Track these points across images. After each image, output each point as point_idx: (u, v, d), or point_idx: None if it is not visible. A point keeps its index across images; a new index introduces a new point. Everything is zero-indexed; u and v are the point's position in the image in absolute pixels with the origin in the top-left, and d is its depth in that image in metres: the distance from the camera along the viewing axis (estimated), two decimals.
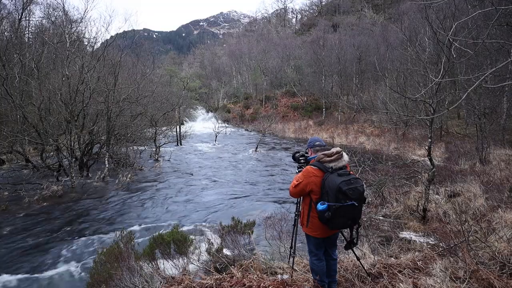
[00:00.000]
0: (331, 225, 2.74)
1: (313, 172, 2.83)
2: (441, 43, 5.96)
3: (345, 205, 2.64)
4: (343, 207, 2.64)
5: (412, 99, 10.73)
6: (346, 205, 2.64)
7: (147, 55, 24.14)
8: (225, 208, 8.51)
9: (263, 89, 38.31)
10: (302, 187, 2.83)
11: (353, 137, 21.50)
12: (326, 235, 2.94)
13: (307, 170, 2.86)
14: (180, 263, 4.35)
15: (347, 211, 2.67)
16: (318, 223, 2.83)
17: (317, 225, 2.86)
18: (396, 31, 23.71)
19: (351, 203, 2.65)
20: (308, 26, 56.65)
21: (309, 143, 3.20)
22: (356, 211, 2.73)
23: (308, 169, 2.87)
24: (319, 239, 2.95)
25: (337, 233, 3.09)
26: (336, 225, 2.74)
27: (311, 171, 2.83)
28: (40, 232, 6.86)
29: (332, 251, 3.08)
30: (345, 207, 2.64)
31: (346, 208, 2.65)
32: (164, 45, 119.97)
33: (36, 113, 11.17)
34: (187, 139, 22.31)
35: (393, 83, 18.48)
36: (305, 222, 2.93)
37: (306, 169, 2.88)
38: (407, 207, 6.97)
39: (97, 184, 10.66)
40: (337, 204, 2.64)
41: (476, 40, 4.96)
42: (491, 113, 13.26)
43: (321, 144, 3.10)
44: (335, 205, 2.65)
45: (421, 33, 19.11)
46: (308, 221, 2.89)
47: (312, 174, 2.81)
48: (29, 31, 19.42)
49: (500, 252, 3.52)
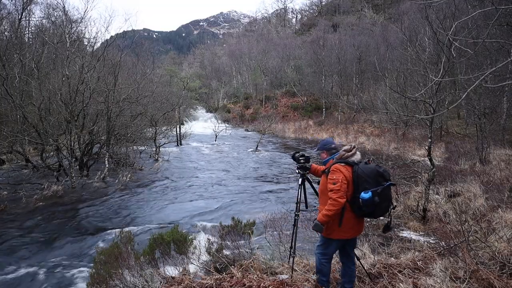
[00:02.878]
0: (379, 211, 2.79)
1: (343, 168, 2.83)
2: (441, 43, 5.96)
3: (386, 187, 2.74)
4: (385, 189, 2.74)
5: (412, 99, 10.73)
6: (387, 186, 2.74)
7: (147, 55, 24.15)
8: (225, 208, 8.51)
9: (263, 89, 38.31)
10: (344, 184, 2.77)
11: (353, 137, 21.51)
12: (356, 234, 2.97)
13: (337, 168, 2.83)
14: (180, 263, 4.34)
15: (388, 192, 2.78)
16: (353, 221, 2.85)
17: (352, 224, 2.86)
18: (396, 31, 23.72)
19: (389, 184, 2.76)
20: (308, 26, 56.64)
21: (324, 146, 3.12)
22: (391, 193, 2.85)
23: (337, 167, 2.84)
24: (343, 241, 2.93)
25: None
26: (382, 210, 2.80)
27: (341, 168, 2.83)
28: (40, 232, 6.85)
29: (353, 254, 3.08)
30: (386, 189, 2.75)
31: (387, 190, 2.76)
32: (164, 45, 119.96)
33: (36, 113, 11.16)
34: (187, 139, 22.30)
35: (393, 83, 18.47)
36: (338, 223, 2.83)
37: (335, 168, 2.84)
38: (407, 207, 6.97)
39: (97, 184, 10.65)
40: (379, 188, 2.71)
41: (476, 40, 4.96)
42: (491, 113, 13.25)
43: (336, 146, 3.10)
44: (378, 189, 2.70)
45: (421, 33, 19.10)
46: (342, 222, 2.82)
47: (344, 169, 2.82)
48: (29, 31, 19.41)
49: (500, 252, 3.52)
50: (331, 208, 2.74)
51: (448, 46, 4.54)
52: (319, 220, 2.80)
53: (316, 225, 2.82)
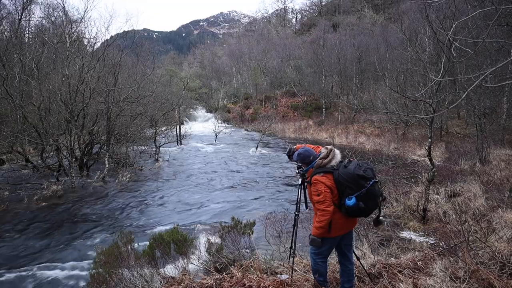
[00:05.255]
0: (368, 210, 2.77)
1: (324, 178, 2.80)
2: (441, 42, 5.96)
3: (370, 187, 2.70)
4: (369, 190, 2.70)
5: (412, 99, 10.73)
6: (370, 186, 2.70)
7: (147, 55, 24.11)
8: (225, 208, 8.51)
9: (263, 89, 38.29)
10: (327, 193, 2.75)
11: (353, 137, 21.50)
12: (348, 230, 2.96)
13: (317, 179, 2.80)
14: (180, 263, 4.34)
15: (373, 191, 2.73)
16: (343, 219, 2.84)
17: (341, 224, 2.85)
18: (396, 31, 23.69)
19: (373, 182, 2.72)
20: (308, 26, 56.61)
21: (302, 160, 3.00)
22: (378, 187, 2.81)
23: (317, 178, 2.81)
24: (337, 238, 2.93)
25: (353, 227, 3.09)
26: (371, 209, 2.79)
27: (321, 178, 2.80)
28: (40, 232, 6.86)
29: (350, 252, 3.06)
30: (370, 189, 2.71)
31: (372, 189, 2.72)
32: (164, 45, 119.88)
33: (36, 113, 11.16)
34: (187, 139, 22.29)
35: (393, 83, 18.48)
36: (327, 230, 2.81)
37: (315, 180, 2.81)
38: (407, 207, 6.97)
39: (97, 184, 10.66)
40: (363, 190, 2.69)
41: (476, 40, 4.96)
42: (491, 113, 13.25)
43: (310, 153, 2.99)
44: (361, 192, 2.69)
45: (421, 33, 19.10)
46: (331, 226, 2.80)
47: (325, 179, 2.79)
48: (29, 31, 19.43)
49: (500, 252, 3.51)
50: (322, 219, 2.73)
51: (448, 46, 4.54)
52: (314, 234, 2.79)
53: (313, 240, 2.80)
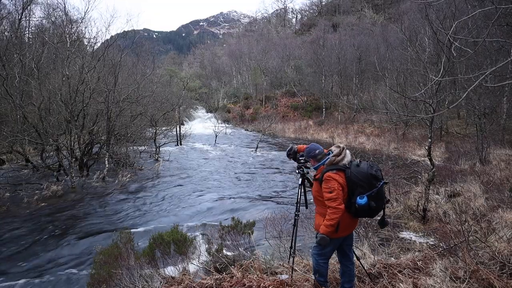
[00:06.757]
0: (377, 210, 2.82)
1: (336, 175, 2.80)
2: (441, 42, 5.96)
3: (380, 187, 2.75)
4: (380, 190, 2.76)
5: (412, 99, 10.72)
6: (380, 187, 2.76)
7: (147, 55, 24.11)
8: (225, 208, 8.51)
9: (263, 89, 38.30)
10: (340, 191, 2.75)
11: (353, 137, 21.50)
12: (351, 231, 3.00)
13: (330, 176, 2.79)
14: (180, 263, 4.34)
15: (382, 191, 2.79)
16: (348, 220, 2.85)
17: (347, 224, 2.86)
18: (396, 31, 23.68)
19: (382, 183, 2.77)
20: (308, 26, 56.63)
21: (309, 153, 3.03)
22: (384, 189, 2.87)
23: (330, 175, 2.80)
24: (340, 239, 2.93)
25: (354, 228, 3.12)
26: (378, 209, 2.83)
27: (334, 175, 2.79)
28: (40, 232, 6.86)
29: (351, 252, 3.07)
30: (380, 189, 2.76)
31: (381, 190, 2.78)
32: (164, 45, 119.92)
33: (36, 113, 11.16)
34: (187, 139, 22.30)
35: (393, 83, 18.50)
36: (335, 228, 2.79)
37: (328, 176, 2.80)
38: (407, 207, 6.97)
39: (97, 184, 10.65)
40: (374, 190, 2.73)
41: (476, 40, 4.96)
42: (491, 113, 13.25)
43: (322, 151, 3.01)
44: (372, 192, 2.72)
45: (421, 33, 19.10)
46: (338, 226, 2.78)
47: (337, 176, 2.79)
48: (29, 31, 19.40)
49: (500, 252, 3.51)
50: (333, 217, 2.71)
51: (448, 46, 4.54)
52: (323, 233, 2.76)
53: (322, 239, 2.77)
